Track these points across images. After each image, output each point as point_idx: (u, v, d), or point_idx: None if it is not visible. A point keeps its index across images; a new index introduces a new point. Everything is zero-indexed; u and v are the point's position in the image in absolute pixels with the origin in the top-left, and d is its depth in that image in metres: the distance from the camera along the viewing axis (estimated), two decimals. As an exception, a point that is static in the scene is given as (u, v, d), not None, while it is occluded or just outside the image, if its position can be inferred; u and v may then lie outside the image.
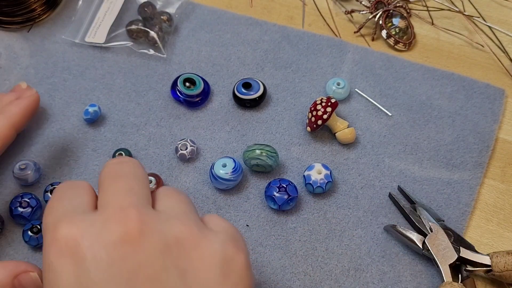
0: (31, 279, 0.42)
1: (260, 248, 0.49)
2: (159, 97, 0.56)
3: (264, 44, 0.60)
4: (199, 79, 0.55)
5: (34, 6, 0.59)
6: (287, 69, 0.58)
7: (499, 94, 0.57)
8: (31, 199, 0.49)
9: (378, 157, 0.54)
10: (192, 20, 0.61)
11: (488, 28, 0.62)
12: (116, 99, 0.56)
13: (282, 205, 0.49)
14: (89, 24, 0.60)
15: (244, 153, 0.51)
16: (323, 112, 0.52)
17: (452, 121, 0.55)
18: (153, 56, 0.58)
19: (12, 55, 0.58)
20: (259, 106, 0.56)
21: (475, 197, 0.52)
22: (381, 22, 0.61)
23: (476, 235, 0.50)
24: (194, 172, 0.52)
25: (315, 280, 0.47)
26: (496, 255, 0.46)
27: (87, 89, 0.57)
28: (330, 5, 0.64)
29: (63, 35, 0.59)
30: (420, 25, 0.63)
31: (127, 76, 0.57)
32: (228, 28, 0.61)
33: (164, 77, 0.57)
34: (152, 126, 0.55)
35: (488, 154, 0.54)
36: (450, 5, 0.64)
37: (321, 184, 0.50)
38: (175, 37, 0.60)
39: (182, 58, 0.59)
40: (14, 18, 0.59)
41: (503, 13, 0.64)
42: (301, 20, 0.62)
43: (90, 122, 0.54)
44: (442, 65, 0.60)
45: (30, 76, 0.57)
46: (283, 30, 0.61)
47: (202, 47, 0.59)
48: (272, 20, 0.62)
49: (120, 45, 0.59)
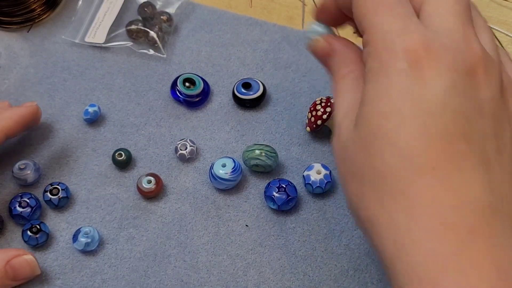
0: (25, 261, 0.42)
1: (260, 248, 0.49)
2: (158, 97, 0.56)
3: (264, 44, 0.60)
4: (199, 79, 0.55)
5: (33, 6, 0.59)
6: (287, 69, 0.58)
7: (498, 94, 0.57)
8: (31, 199, 0.49)
9: (377, 158, 0.53)
10: (192, 20, 0.61)
11: (488, 28, 0.62)
12: (116, 99, 0.56)
13: (282, 205, 0.49)
14: (89, 24, 0.60)
15: (244, 153, 0.51)
16: (323, 112, 0.52)
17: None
18: (153, 56, 0.58)
19: (12, 55, 0.58)
20: (259, 106, 0.56)
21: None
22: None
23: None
24: (194, 172, 0.52)
25: (314, 281, 0.47)
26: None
27: (87, 89, 0.57)
28: (330, 5, 0.64)
29: (63, 35, 0.59)
30: (420, 26, 0.63)
31: (127, 76, 0.58)
32: (228, 28, 0.61)
33: (164, 77, 0.57)
34: (152, 126, 0.55)
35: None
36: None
37: (320, 184, 0.50)
38: (175, 37, 0.60)
39: (182, 58, 0.59)
40: (13, 18, 0.59)
41: (503, 13, 0.64)
42: (301, 20, 0.62)
43: (89, 122, 0.54)
44: (442, 65, 0.59)
45: (30, 76, 0.57)
46: (283, 30, 0.61)
47: (202, 47, 0.59)
48: (272, 20, 0.62)
49: (120, 45, 0.59)
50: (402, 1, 0.31)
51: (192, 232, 0.49)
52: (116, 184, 0.52)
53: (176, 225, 0.50)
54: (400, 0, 0.31)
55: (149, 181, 0.50)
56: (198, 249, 0.49)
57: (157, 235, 0.49)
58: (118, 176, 0.52)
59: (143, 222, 0.50)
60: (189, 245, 0.49)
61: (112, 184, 0.52)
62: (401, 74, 0.29)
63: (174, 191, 0.51)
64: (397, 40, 0.30)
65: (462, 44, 0.30)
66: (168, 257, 0.48)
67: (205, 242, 0.49)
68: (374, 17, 0.31)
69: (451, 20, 0.31)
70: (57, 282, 0.47)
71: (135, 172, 0.52)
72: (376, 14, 0.31)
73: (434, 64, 0.29)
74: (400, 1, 0.31)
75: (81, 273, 0.48)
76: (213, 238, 0.49)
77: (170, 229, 0.50)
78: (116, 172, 0.52)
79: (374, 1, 0.31)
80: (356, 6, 0.32)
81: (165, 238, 0.49)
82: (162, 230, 0.50)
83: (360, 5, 0.32)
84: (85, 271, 0.48)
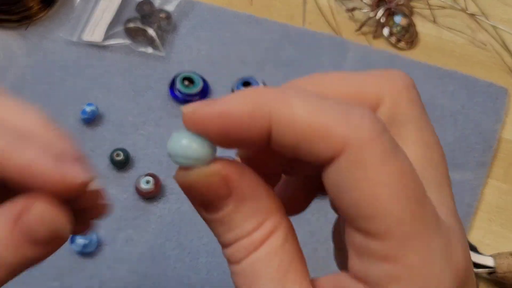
0: (39, 213, 0.23)
1: (260, 249, 0.48)
2: (157, 96, 0.56)
3: (264, 43, 0.59)
4: (198, 78, 0.55)
5: (31, 4, 0.59)
6: (287, 67, 0.58)
7: (502, 93, 0.57)
8: (28, 199, 0.48)
9: (379, 157, 0.53)
10: (191, 18, 0.61)
11: (491, 26, 0.62)
12: (114, 98, 0.56)
13: (282, 205, 0.48)
14: (86, 22, 0.59)
15: (244, 153, 0.51)
16: (324, 112, 0.51)
17: (455, 121, 0.55)
18: (152, 55, 0.58)
19: (9, 54, 0.58)
20: (259, 105, 0.55)
21: (478, 197, 0.51)
22: (383, 20, 0.61)
23: (479, 236, 0.50)
24: (193, 172, 0.52)
25: (316, 282, 0.47)
26: (499, 256, 0.45)
27: (84, 88, 0.56)
28: (331, 3, 0.63)
29: (60, 34, 0.59)
30: (422, 24, 0.62)
31: (125, 75, 0.57)
32: (227, 26, 0.60)
33: (162, 76, 0.57)
34: (151, 125, 0.54)
35: (491, 154, 0.53)
36: (452, 4, 0.63)
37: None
38: (174, 35, 0.59)
39: (181, 57, 0.58)
40: (11, 16, 0.59)
41: (506, 11, 0.63)
42: (302, 18, 0.62)
43: (87, 122, 0.54)
44: (444, 64, 0.59)
45: (27, 74, 0.57)
46: (283, 28, 0.60)
47: (201, 46, 0.59)
48: (273, 18, 0.61)
49: (118, 43, 0.58)
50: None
51: (192, 233, 0.49)
52: (114, 185, 0.51)
53: (176, 226, 0.49)
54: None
55: (147, 181, 0.49)
56: (198, 250, 0.48)
57: (156, 236, 0.49)
58: (116, 176, 0.52)
59: (142, 223, 0.49)
60: (188, 246, 0.48)
61: (110, 184, 0.51)
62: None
63: (173, 192, 0.51)
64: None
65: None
66: (168, 258, 0.48)
67: (205, 243, 0.49)
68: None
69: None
70: (55, 284, 0.46)
71: (134, 172, 0.52)
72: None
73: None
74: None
75: (79, 275, 0.47)
76: (213, 239, 0.48)
77: (170, 230, 0.49)
78: (114, 172, 0.52)
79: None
80: (351, 189, 0.20)
81: (164, 239, 0.49)
82: (161, 231, 0.49)
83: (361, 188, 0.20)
84: (83, 273, 0.47)
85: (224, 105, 0.20)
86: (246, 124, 0.20)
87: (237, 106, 0.20)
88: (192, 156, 0.21)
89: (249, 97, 0.20)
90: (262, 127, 0.20)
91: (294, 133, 0.20)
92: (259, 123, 0.20)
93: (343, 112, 0.20)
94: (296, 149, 0.20)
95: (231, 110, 0.20)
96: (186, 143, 0.21)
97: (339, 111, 0.20)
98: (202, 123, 0.21)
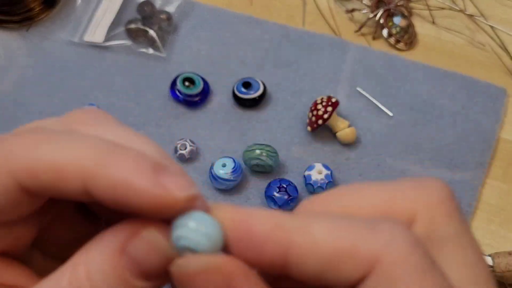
0: (147, 243, 0.19)
1: (260, 248, 0.48)
2: (158, 96, 0.56)
3: (264, 43, 0.59)
4: (199, 78, 0.55)
5: (32, 5, 0.59)
6: (287, 68, 0.58)
7: (501, 93, 0.57)
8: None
9: (379, 157, 0.53)
10: (192, 19, 0.61)
11: (489, 27, 0.62)
12: (115, 98, 0.56)
13: (283, 205, 0.49)
14: (88, 23, 0.59)
15: (244, 153, 0.51)
16: (324, 112, 0.51)
17: (454, 121, 0.55)
18: (152, 55, 0.58)
19: (11, 54, 0.58)
20: (259, 105, 0.56)
21: (476, 197, 0.51)
22: (382, 21, 0.61)
23: (477, 236, 0.49)
24: (194, 172, 0.52)
25: (316, 281, 0.47)
26: (497, 256, 0.46)
27: (85, 89, 0.56)
28: (331, 4, 0.63)
29: (61, 34, 0.59)
30: (421, 24, 0.62)
31: (126, 75, 0.57)
32: (228, 27, 0.60)
33: (163, 76, 0.57)
34: (151, 126, 0.54)
35: (490, 154, 0.53)
36: (451, 4, 0.64)
37: (321, 184, 0.49)
38: (175, 36, 0.60)
39: (182, 57, 0.58)
40: (12, 17, 0.59)
41: (505, 12, 0.64)
42: (302, 19, 0.62)
43: (88, 122, 0.54)
44: (443, 64, 0.59)
45: (29, 75, 0.57)
46: (283, 29, 0.60)
47: (202, 46, 0.59)
48: (272, 19, 0.61)
49: (119, 44, 0.58)
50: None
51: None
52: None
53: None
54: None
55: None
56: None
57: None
58: (117, 176, 0.52)
59: (143, 223, 0.49)
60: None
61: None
62: None
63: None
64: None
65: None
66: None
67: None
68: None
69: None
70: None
71: (135, 172, 0.52)
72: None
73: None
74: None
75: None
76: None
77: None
78: (116, 172, 0.52)
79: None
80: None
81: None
82: (161, 231, 0.49)
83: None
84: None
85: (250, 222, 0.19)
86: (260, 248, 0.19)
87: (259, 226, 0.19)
88: (200, 240, 0.19)
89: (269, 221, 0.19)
90: (278, 254, 0.19)
91: (318, 260, 0.18)
92: (276, 250, 0.19)
93: (370, 227, 0.19)
94: (322, 275, 0.19)
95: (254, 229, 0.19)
96: (194, 226, 0.19)
97: (366, 227, 0.19)
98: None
